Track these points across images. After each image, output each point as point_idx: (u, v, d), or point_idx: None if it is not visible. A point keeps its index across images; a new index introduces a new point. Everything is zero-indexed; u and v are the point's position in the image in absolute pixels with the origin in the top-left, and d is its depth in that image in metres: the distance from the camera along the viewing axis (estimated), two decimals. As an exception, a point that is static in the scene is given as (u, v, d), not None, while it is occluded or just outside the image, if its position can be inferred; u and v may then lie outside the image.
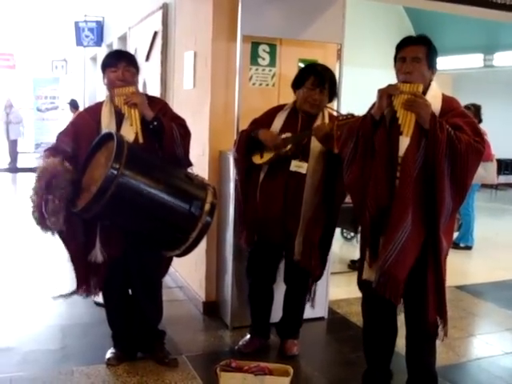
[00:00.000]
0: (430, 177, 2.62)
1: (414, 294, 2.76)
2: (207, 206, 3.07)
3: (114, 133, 2.97)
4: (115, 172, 2.78)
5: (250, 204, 3.47)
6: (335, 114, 3.52)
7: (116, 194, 2.79)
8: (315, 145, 3.33)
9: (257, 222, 3.44)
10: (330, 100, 3.50)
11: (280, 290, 3.70)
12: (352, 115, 3.17)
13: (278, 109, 3.54)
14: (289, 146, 3.32)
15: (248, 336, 3.71)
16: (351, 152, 2.80)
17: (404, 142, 2.64)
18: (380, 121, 2.73)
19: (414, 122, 2.61)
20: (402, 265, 2.63)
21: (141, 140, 3.06)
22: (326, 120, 3.40)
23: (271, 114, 3.52)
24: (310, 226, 3.35)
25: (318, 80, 3.36)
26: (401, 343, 3.01)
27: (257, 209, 3.41)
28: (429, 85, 2.77)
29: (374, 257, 2.74)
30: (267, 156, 3.39)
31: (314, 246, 3.36)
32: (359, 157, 2.77)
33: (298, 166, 3.34)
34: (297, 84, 3.45)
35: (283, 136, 3.36)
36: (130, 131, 3.07)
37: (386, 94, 2.70)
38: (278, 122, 3.45)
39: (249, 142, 3.44)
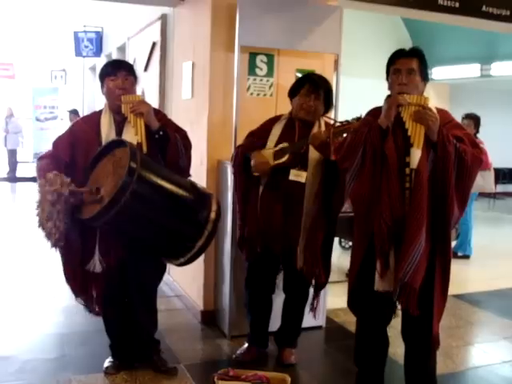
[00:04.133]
0: (440, 188, 2.64)
1: (419, 305, 2.71)
2: (213, 215, 3.08)
3: (125, 140, 2.97)
4: (131, 179, 2.75)
5: (251, 216, 3.47)
6: (331, 122, 3.55)
7: (129, 202, 2.76)
8: (313, 153, 3.35)
9: (259, 234, 3.43)
10: (327, 110, 3.52)
11: (278, 299, 3.70)
12: (347, 122, 3.19)
13: (275, 120, 3.56)
14: (286, 156, 3.34)
15: (246, 345, 3.70)
16: (358, 163, 2.76)
17: (416, 154, 2.63)
18: (387, 130, 2.72)
19: (423, 134, 2.63)
20: (418, 275, 2.64)
21: (144, 149, 3.06)
22: (323, 128, 3.42)
23: (268, 126, 3.54)
24: (311, 233, 3.36)
25: (312, 87, 3.39)
26: (395, 351, 3.01)
27: (258, 220, 3.41)
28: None
29: (386, 267, 2.71)
30: None
31: (316, 253, 3.36)
32: (368, 168, 2.73)
33: (296, 175, 3.35)
34: (293, 92, 3.49)
35: (280, 146, 3.38)
36: (132, 140, 3.05)
37: (396, 104, 2.69)
38: (276, 133, 3.46)
39: (245, 158, 3.45)
